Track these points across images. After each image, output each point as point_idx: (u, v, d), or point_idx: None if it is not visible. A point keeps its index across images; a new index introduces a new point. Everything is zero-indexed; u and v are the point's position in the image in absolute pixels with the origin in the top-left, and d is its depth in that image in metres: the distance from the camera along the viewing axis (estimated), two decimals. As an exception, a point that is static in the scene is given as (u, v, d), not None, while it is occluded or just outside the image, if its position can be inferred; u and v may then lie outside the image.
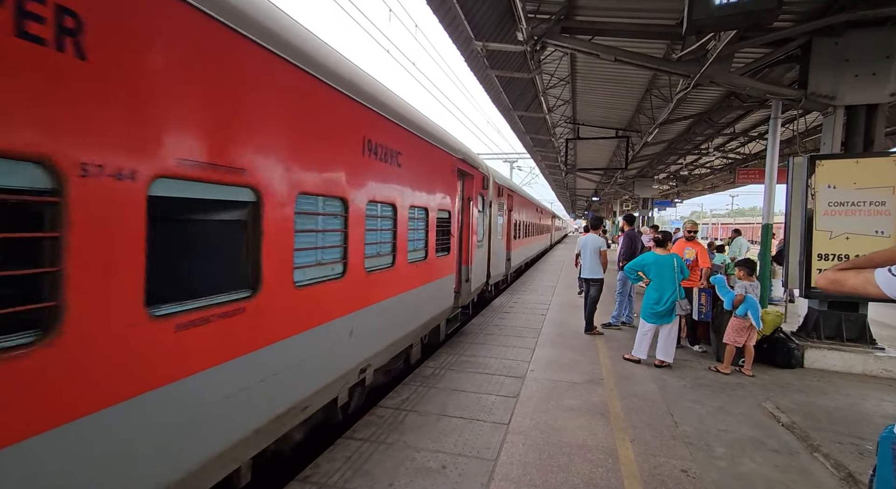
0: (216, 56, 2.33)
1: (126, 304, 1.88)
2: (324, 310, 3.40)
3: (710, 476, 3.36)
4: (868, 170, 5.80)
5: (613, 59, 6.83)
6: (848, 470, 3.42)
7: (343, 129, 3.58)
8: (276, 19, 2.86)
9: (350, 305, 3.78)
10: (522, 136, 16.72)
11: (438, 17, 7.20)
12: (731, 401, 4.82)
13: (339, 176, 3.52)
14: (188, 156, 2.14)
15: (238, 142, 2.47)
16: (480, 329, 7.83)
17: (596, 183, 30.87)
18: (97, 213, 1.75)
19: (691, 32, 5.27)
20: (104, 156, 1.76)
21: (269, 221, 2.69)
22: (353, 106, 3.73)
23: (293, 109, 2.96)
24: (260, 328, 2.66)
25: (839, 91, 6.05)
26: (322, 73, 3.24)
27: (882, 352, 5.85)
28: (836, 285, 1.86)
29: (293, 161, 2.95)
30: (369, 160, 3.98)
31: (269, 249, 2.68)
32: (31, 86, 1.54)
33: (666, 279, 5.85)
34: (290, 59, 2.88)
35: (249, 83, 2.56)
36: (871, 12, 5.60)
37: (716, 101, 11.08)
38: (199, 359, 2.27)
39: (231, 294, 2.48)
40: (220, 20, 2.32)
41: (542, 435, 3.94)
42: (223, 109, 2.39)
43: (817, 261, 6.00)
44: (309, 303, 3.18)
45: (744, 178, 16.54)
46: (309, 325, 3.18)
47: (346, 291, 3.72)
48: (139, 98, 1.91)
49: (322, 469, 3.32)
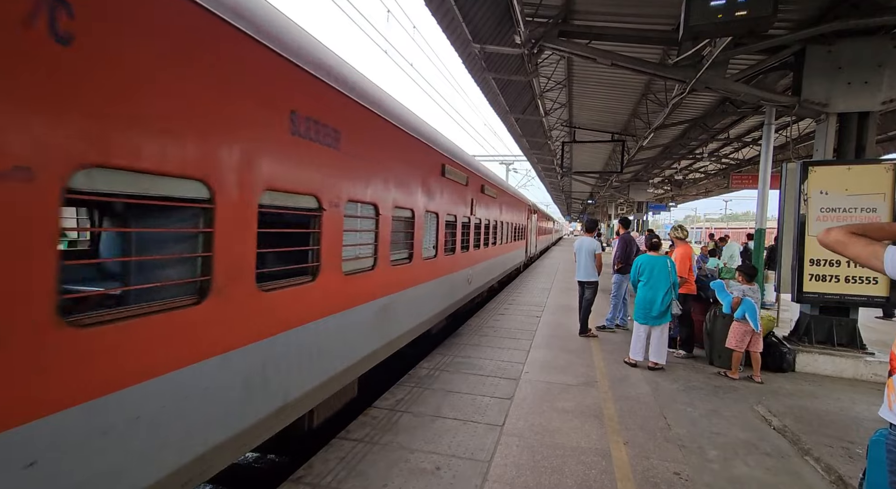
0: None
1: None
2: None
3: (703, 479, 3.38)
4: (860, 176, 5.88)
5: (610, 63, 6.88)
6: (838, 473, 3.45)
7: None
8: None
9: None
10: (519, 138, 16.79)
11: (437, 18, 7.22)
12: (724, 404, 4.86)
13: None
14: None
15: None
16: (475, 330, 7.83)
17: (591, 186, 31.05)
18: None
19: (687, 38, 5.32)
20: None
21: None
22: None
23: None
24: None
25: (832, 98, 6.13)
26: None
27: (872, 357, 5.92)
28: (838, 245, 1.79)
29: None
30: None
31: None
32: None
33: (659, 280, 5.89)
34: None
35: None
36: (863, 21, 5.69)
37: (710, 106, 11.20)
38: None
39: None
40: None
41: (537, 436, 3.94)
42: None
43: (810, 266, 6.07)
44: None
45: (737, 183, 16.69)
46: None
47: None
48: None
49: (315, 469, 3.31)
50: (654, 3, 6.29)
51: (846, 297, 5.98)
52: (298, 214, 3.20)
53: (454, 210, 7.02)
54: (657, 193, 27.73)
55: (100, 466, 1.85)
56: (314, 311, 3.31)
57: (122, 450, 1.93)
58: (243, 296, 2.59)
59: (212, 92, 2.31)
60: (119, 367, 1.91)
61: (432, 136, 5.92)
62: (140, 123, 1.94)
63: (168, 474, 2.15)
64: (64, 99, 1.66)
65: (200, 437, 2.33)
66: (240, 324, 2.59)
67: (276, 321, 2.89)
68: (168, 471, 2.15)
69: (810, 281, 6.09)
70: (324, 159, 3.29)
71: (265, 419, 2.83)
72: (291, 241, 3.22)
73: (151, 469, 2.07)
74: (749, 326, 5.56)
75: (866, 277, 5.85)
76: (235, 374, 2.56)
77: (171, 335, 2.15)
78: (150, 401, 2.04)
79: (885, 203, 5.77)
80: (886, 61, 5.88)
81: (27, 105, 1.56)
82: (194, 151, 2.21)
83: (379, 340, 4.47)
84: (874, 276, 5.81)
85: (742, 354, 5.69)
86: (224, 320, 2.46)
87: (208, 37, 2.27)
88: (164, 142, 2.05)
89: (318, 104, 3.23)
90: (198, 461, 2.32)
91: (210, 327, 2.38)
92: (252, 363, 2.69)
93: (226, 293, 2.45)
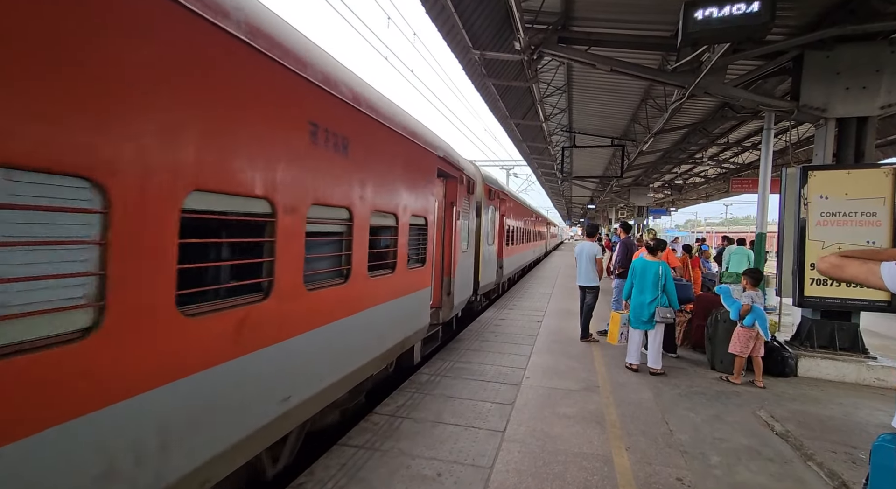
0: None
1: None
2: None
3: (706, 485, 3.36)
4: (859, 181, 5.90)
5: (609, 69, 6.93)
6: (842, 479, 3.43)
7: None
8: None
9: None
10: (519, 143, 16.85)
11: (437, 25, 7.28)
12: (726, 409, 4.84)
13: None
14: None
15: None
16: (476, 335, 7.82)
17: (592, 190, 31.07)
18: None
19: (686, 44, 5.35)
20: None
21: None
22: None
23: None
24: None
25: (830, 103, 6.15)
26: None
27: (874, 362, 5.90)
28: (836, 270, 1.88)
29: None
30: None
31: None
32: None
33: (647, 285, 5.89)
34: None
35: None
36: (861, 27, 5.72)
37: (710, 111, 11.24)
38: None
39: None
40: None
41: (538, 442, 3.93)
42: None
43: (810, 270, 6.06)
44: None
45: (737, 187, 16.72)
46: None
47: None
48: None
49: (317, 476, 3.29)
50: (653, 10, 6.33)
51: (848, 301, 5.98)
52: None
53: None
54: (657, 198, 27.74)
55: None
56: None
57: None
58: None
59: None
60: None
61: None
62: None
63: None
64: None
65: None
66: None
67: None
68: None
69: (811, 285, 6.09)
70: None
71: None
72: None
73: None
74: (754, 332, 5.55)
75: (867, 281, 5.84)
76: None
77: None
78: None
79: (885, 207, 5.78)
80: (885, 66, 5.91)
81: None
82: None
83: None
84: (875, 281, 5.80)
85: (745, 360, 5.67)
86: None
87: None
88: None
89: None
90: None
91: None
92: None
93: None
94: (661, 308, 5.82)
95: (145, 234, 1.93)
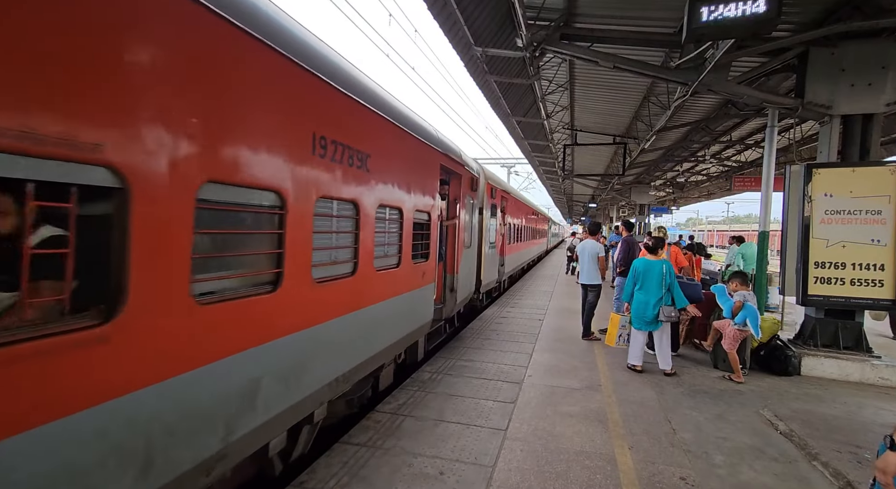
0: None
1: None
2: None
3: (710, 484, 3.35)
4: (864, 179, 5.85)
5: (612, 66, 6.87)
6: (847, 478, 3.40)
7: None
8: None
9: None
10: (520, 141, 16.77)
11: (439, 22, 7.22)
12: (729, 408, 4.81)
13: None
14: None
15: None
16: (477, 333, 7.81)
17: (593, 189, 30.97)
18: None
19: (690, 41, 5.31)
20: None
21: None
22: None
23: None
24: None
25: (835, 100, 6.11)
26: None
27: (878, 361, 5.87)
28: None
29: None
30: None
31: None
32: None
33: (652, 285, 5.85)
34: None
35: None
36: (867, 23, 5.66)
37: (713, 108, 11.18)
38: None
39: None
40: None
41: (540, 441, 3.91)
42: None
43: (814, 268, 6.03)
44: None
45: (740, 185, 16.64)
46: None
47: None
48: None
49: (319, 474, 3.28)
50: (657, 6, 6.28)
51: (852, 300, 5.94)
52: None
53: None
54: (659, 196, 27.67)
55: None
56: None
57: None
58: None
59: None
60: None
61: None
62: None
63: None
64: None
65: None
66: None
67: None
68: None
69: (815, 284, 6.05)
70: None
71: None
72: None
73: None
74: (746, 331, 5.61)
75: (872, 280, 5.81)
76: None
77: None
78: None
79: (889, 205, 5.74)
80: (890, 63, 5.86)
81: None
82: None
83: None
84: (880, 279, 5.77)
85: (736, 355, 5.70)
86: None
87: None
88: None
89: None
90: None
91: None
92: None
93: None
94: (665, 307, 5.79)
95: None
